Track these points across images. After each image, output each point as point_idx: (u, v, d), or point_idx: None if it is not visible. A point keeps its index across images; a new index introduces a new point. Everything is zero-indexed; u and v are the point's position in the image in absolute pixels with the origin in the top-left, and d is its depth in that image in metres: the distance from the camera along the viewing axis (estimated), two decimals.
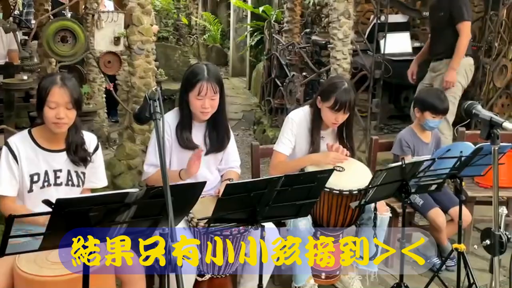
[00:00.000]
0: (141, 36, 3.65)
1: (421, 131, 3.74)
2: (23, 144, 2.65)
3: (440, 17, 4.70)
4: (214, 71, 2.91)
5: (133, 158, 3.82)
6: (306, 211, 2.61)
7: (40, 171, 2.65)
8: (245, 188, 2.31)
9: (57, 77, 2.61)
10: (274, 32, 7.10)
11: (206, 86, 2.83)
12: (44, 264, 2.42)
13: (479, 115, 2.00)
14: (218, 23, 13.16)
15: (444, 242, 3.74)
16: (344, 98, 3.12)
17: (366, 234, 3.27)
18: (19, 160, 2.62)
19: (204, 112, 2.89)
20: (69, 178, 2.72)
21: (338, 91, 3.14)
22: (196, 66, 2.96)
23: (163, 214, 2.14)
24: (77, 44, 3.44)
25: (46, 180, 2.67)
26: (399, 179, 2.76)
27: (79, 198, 1.88)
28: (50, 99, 2.55)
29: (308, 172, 2.49)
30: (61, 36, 3.40)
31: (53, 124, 2.58)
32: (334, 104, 3.13)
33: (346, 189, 2.99)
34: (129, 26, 3.67)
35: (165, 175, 1.78)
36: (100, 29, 3.47)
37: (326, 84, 3.29)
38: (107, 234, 2.11)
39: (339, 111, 3.14)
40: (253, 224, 2.48)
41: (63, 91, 2.56)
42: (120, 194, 1.95)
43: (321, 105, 3.23)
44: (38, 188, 2.66)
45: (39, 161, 2.65)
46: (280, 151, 3.28)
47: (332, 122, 3.20)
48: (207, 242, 2.71)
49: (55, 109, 2.56)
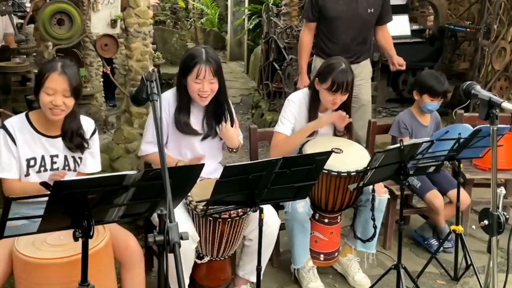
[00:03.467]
0: (138, 19, 3.62)
1: (420, 114, 3.73)
2: (20, 127, 2.63)
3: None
4: (212, 54, 2.88)
5: (131, 142, 3.80)
6: (304, 193, 2.62)
7: (37, 155, 2.65)
8: (243, 170, 2.30)
9: (58, 63, 2.58)
10: (272, 15, 7.04)
11: (204, 68, 2.81)
12: (42, 246, 2.43)
13: (478, 95, 1.99)
14: (215, 6, 13.07)
15: (441, 224, 3.75)
16: (341, 78, 3.12)
17: (364, 216, 3.29)
18: (17, 142, 2.60)
19: (202, 96, 2.86)
20: (66, 163, 2.71)
21: (335, 72, 3.14)
22: (193, 49, 2.93)
23: (161, 197, 2.14)
24: (73, 27, 3.40)
25: (43, 165, 2.66)
26: (398, 161, 2.76)
27: (77, 181, 1.88)
28: (47, 85, 2.53)
29: (307, 154, 2.48)
30: (57, 19, 3.36)
31: (48, 110, 2.57)
32: (331, 85, 3.13)
33: (344, 171, 2.99)
34: (125, 9, 3.64)
35: (163, 156, 1.76)
36: (97, 12, 3.44)
37: (323, 66, 3.28)
38: (106, 216, 2.12)
39: (336, 92, 3.13)
40: (251, 206, 2.49)
41: (62, 78, 2.54)
42: (118, 177, 1.95)
43: (319, 86, 3.22)
44: (35, 173, 2.65)
45: (36, 146, 2.64)
46: (280, 131, 3.28)
47: (330, 103, 3.20)
48: (205, 225, 2.71)
49: (52, 95, 2.54)
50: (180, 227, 2.67)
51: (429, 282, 3.49)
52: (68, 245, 2.41)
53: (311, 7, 3.99)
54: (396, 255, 3.69)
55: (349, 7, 3.92)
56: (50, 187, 1.82)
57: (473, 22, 6.69)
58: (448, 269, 3.56)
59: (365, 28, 4.02)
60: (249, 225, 2.86)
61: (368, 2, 3.94)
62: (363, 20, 3.95)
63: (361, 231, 3.33)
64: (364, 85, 4.08)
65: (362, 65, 4.09)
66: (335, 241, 3.37)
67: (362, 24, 3.97)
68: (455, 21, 6.95)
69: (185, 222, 2.72)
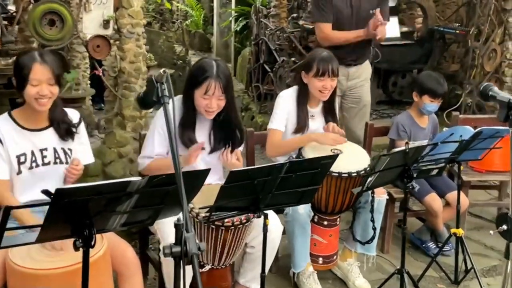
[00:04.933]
0: (131, 19, 3.53)
1: (418, 116, 3.70)
2: (5, 125, 2.56)
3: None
4: (223, 68, 2.76)
5: (124, 146, 3.71)
6: (308, 198, 2.56)
7: (26, 151, 2.57)
8: (249, 175, 2.24)
9: (35, 53, 2.52)
10: (262, 16, 6.98)
11: (214, 85, 2.69)
12: (38, 256, 2.34)
13: (497, 97, 1.94)
14: (200, 8, 12.97)
15: (440, 227, 3.72)
16: (325, 62, 3.16)
17: (363, 218, 3.25)
18: (3, 142, 2.53)
19: (208, 111, 2.77)
20: (56, 156, 2.64)
21: (318, 57, 3.19)
22: (204, 62, 2.80)
23: (165, 203, 2.07)
24: (64, 27, 3.30)
25: (34, 160, 2.58)
26: (401, 164, 2.72)
27: (80, 188, 1.79)
28: (32, 76, 2.46)
29: (313, 158, 2.43)
30: (48, 19, 3.26)
31: (35, 101, 2.50)
32: (317, 71, 3.16)
33: (345, 171, 2.95)
34: (118, 9, 3.54)
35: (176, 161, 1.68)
36: (89, 12, 3.34)
37: (306, 58, 3.36)
38: (107, 224, 2.03)
39: (323, 76, 3.16)
40: (255, 212, 2.42)
41: (44, 67, 2.48)
42: (122, 183, 1.87)
43: (306, 78, 3.23)
44: (27, 169, 2.57)
45: (23, 142, 2.57)
46: (275, 127, 3.25)
47: (319, 91, 3.18)
48: (207, 233, 2.63)
49: (37, 86, 2.47)
50: None
51: (429, 286, 3.45)
52: (65, 254, 2.32)
53: (326, 7, 3.90)
54: (394, 259, 3.70)
55: (354, 8, 3.91)
56: (51, 194, 1.74)
57: (462, 24, 6.70)
58: (447, 272, 3.52)
59: None
60: (251, 232, 2.79)
61: (369, 4, 3.91)
62: (365, 21, 3.92)
63: (361, 233, 3.29)
64: (365, 85, 4.08)
65: (364, 66, 4.08)
66: (334, 244, 3.32)
67: (364, 25, 3.93)
68: (443, 23, 6.97)
69: None
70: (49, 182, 2.62)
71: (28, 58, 2.50)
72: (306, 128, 3.25)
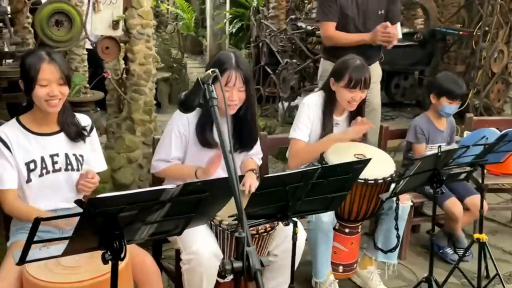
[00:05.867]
0: (141, 20, 3.40)
1: (436, 118, 3.61)
2: (12, 131, 2.42)
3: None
4: (242, 59, 2.67)
5: (133, 151, 3.57)
6: (337, 204, 2.47)
7: (36, 157, 2.43)
8: (281, 181, 2.13)
9: (42, 52, 2.39)
10: (262, 17, 6.88)
11: (234, 75, 2.58)
12: (56, 269, 2.20)
13: None
14: (191, 10, 12.83)
15: (459, 233, 3.64)
16: (359, 74, 3.01)
17: (386, 225, 3.15)
18: (11, 149, 2.38)
19: (230, 104, 2.65)
20: (67, 162, 2.49)
21: (351, 67, 3.03)
22: (222, 54, 2.70)
23: (196, 212, 1.96)
24: (73, 28, 3.17)
25: (44, 167, 2.44)
26: (432, 168, 2.62)
27: (113, 197, 1.67)
28: (41, 76, 2.33)
29: (345, 163, 2.32)
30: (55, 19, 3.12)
31: (46, 102, 2.36)
32: (349, 81, 3.01)
33: (371, 178, 2.84)
34: (127, 9, 3.42)
35: (231, 167, 1.55)
36: (98, 12, 3.21)
37: (337, 64, 3.16)
38: (136, 235, 1.92)
39: (354, 88, 3.01)
40: (282, 220, 2.31)
41: (53, 66, 2.35)
42: (156, 191, 1.76)
43: (335, 86, 3.09)
44: (37, 177, 2.43)
45: (32, 147, 2.43)
46: (298, 137, 3.11)
47: (348, 102, 3.05)
48: (231, 241, 2.52)
49: (47, 86, 2.34)
50: (203, 243, 2.51)
51: None
52: (85, 266, 2.19)
53: (331, 7, 3.79)
54: (412, 265, 3.61)
55: (360, 9, 3.79)
56: (84, 204, 1.62)
57: (463, 25, 6.65)
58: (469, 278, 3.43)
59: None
60: (274, 240, 2.68)
61: (379, 5, 3.82)
62: (373, 22, 3.82)
63: (383, 241, 3.19)
64: (375, 88, 3.96)
65: (373, 67, 3.95)
66: (355, 252, 3.22)
67: (372, 26, 3.84)
68: (444, 25, 6.91)
69: (208, 238, 2.52)
70: (60, 190, 2.49)
71: (35, 58, 2.36)
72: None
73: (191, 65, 10.24)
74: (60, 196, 2.51)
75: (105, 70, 3.54)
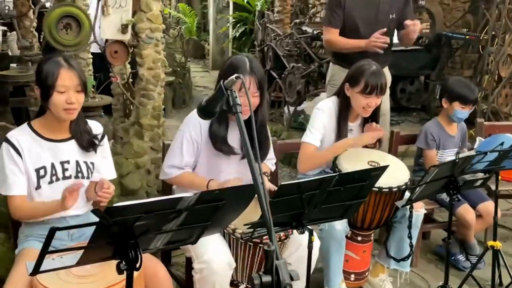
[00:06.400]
0: (150, 24, 3.35)
1: (447, 123, 3.56)
2: (23, 137, 2.37)
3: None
4: (257, 64, 2.61)
5: (141, 156, 3.52)
6: (352, 212, 2.41)
7: (46, 164, 2.38)
8: (297, 189, 2.08)
9: (60, 58, 2.34)
10: (268, 21, 6.85)
11: (249, 80, 2.52)
12: (68, 277, 2.15)
13: None
14: (194, 15, 12.81)
15: (471, 239, 3.58)
16: (375, 79, 2.95)
17: (399, 233, 3.09)
18: (22, 154, 2.34)
19: (244, 110, 2.59)
20: (78, 170, 2.44)
21: (367, 73, 2.97)
22: (235, 59, 2.64)
23: (212, 221, 1.91)
24: (81, 32, 3.12)
25: (54, 173, 2.39)
26: (449, 174, 2.57)
27: (130, 206, 1.62)
28: (59, 83, 2.28)
29: (363, 170, 2.28)
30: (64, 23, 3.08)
31: (64, 110, 2.31)
32: (364, 87, 2.95)
33: (385, 186, 2.78)
34: (136, 13, 3.37)
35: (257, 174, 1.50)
36: (107, 16, 3.16)
37: (353, 69, 3.10)
38: (151, 244, 1.87)
39: (370, 94, 2.95)
40: (297, 228, 2.27)
41: (72, 73, 2.30)
42: (173, 200, 1.72)
43: (350, 91, 3.03)
44: (46, 184, 2.38)
45: (44, 154, 2.38)
46: (310, 141, 3.06)
47: (363, 108, 3.00)
48: (244, 250, 2.47)
49: (64, 93, 2.29)
50: (216, 252, 2.46)
51: None
52: (96, 275, 2.15)
53: (336, 13, 3.77)
54: (424, 273, 3.56)
55: (370, 13, 3.74)
56: (102, 214, 1.57)
57: (470, 29, 6.62)
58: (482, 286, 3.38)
59: (386, 34, 3.84)
60: (288, 248, 2.63)
61: (390, 7, 3.77)
62: (383, 26, 3.78)
63: (395, 249, 3.13)
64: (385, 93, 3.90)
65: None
66: (367, 260, 3.18)
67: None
68: (449, 29, 6.88)
69: (221, 247, 2.47)
70: None
71: (53, 64, 2.31)
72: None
73: (193, 69, 10.20)
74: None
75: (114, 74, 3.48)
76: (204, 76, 11.26)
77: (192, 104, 8.29)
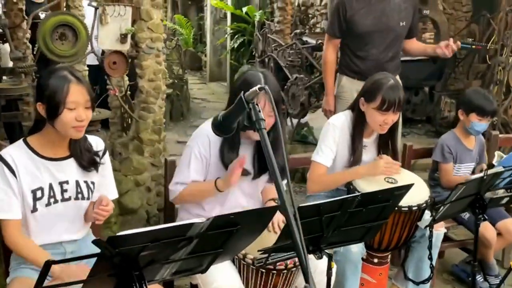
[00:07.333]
0: (150, 33, 3.17)
1: (464, 136, 3.38)
2: (19, 155, 2.14)
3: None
4: (273, 81, 2.40)
5: (141, 173, 3.32)
6: (373, 233, 2.24)
7: (44, 185, 2.16)
8: (318, 210, 1.90)
9: (66, 72, 2.12)
10: (269, 32, 6.69)
11: (264, 99, 2.30)
12: None
13: None
14: (190, 26, 12.67)
15: (490, 259, 3.38)
16: (393, 95, 2.74)
17: (418, 254, 2.90)
18: (17, 174, 2.11)
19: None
20: (78, 191, 2.22)
21: (384, 88, 2.76)
22: (250, 74, 2.44)
23: (224, 247, 1.72)
24: (78, 42, 2.94)
25: (52, 195, 2.17)
26: (475, 192, 2.39)
27: (135, 234, 1.43)
28: (69, 99, 2.07)
29: (386, 189, 2.10)
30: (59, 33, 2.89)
31: (73, 128, 2.10)
32: (381, 103, 2.74)
33: (405, 205, 2.59)
34: (135, 22, 3.19)
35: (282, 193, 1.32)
36: (105, 25, 2.98)
37: (369, 83, 2.90)
38: (157, 275, 1.68)
39: (387, 110, 2.75)
40: (315, 252, 2.08)
41: (81, 88, 2.10)
42: (183, 226, 1.53)
43: (365, 107, 2.83)
44: (43, 207, 2.15)
45: (41, 173, 2.16)
46: (320, 162, 2.86)
47: (379, 125, 2.81)
48: (256, 277, 2.28)
49: (74, 110, 2.08)
50: (225, 279, 2.26)
51: None
52: None
53: (338, 22, 3.64)
54: None
55: (380, 21, 3.59)
56: (104, 244, 1.38)
57: (475, 39, 6.48)
58: None
59: (396, 42, 3.69)
60: (301, 276, 2.43)
61: (400, 15, 3.62)
62: (395, 34, 3.63)
63: (414, 271, 2.93)
64: None
65: None
66: (383, 283, 2.97)
67: (394, 38, 3.64)
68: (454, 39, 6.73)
69: (231, 274, 2.28)
70: (68, 222, 2.24)
71: (60, 79, 2.08)
72: (360, 160, 2.89)
73: (190, 81, 10.04)
74: (64, 226, 2.26)
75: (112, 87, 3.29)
76: (202, 88, 11.10)
77: (190, 116, 8.12)
